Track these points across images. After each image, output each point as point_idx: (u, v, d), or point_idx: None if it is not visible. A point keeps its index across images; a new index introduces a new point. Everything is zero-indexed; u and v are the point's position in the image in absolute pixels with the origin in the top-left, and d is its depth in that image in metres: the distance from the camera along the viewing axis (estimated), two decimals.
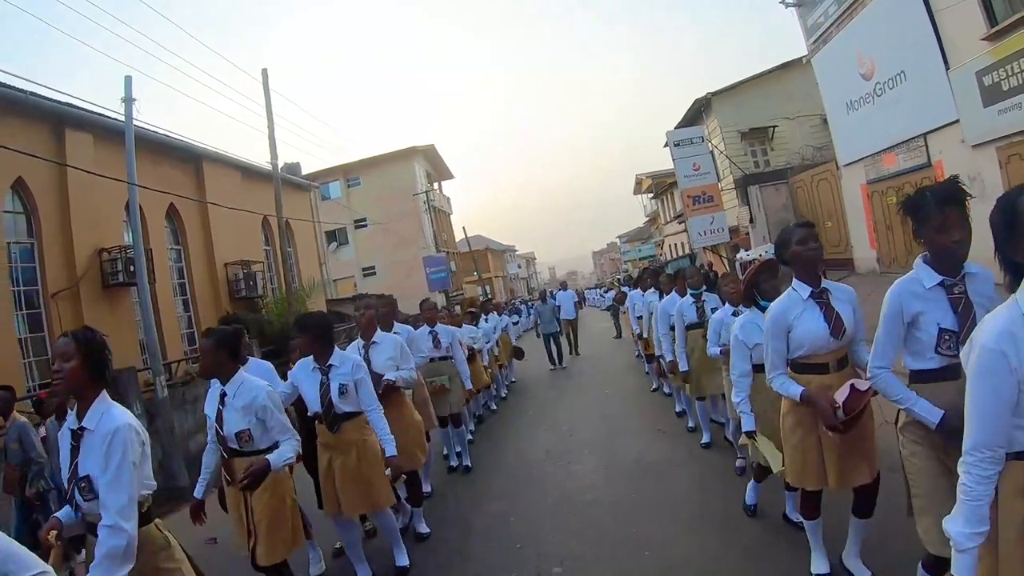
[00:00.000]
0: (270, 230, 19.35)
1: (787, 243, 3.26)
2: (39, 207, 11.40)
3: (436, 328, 7.32)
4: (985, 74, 10.74)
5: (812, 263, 3.21)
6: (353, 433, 4.39)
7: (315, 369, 4.45)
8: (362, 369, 4.46)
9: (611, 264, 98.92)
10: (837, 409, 3.01)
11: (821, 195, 19.20)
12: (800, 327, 3.21)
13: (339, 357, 4.46)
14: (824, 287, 3.24)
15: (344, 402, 4.35)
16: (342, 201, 36.31)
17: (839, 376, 3.22)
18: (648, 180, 42.00)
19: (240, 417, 3.65)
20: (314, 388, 4.41)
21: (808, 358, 3.26)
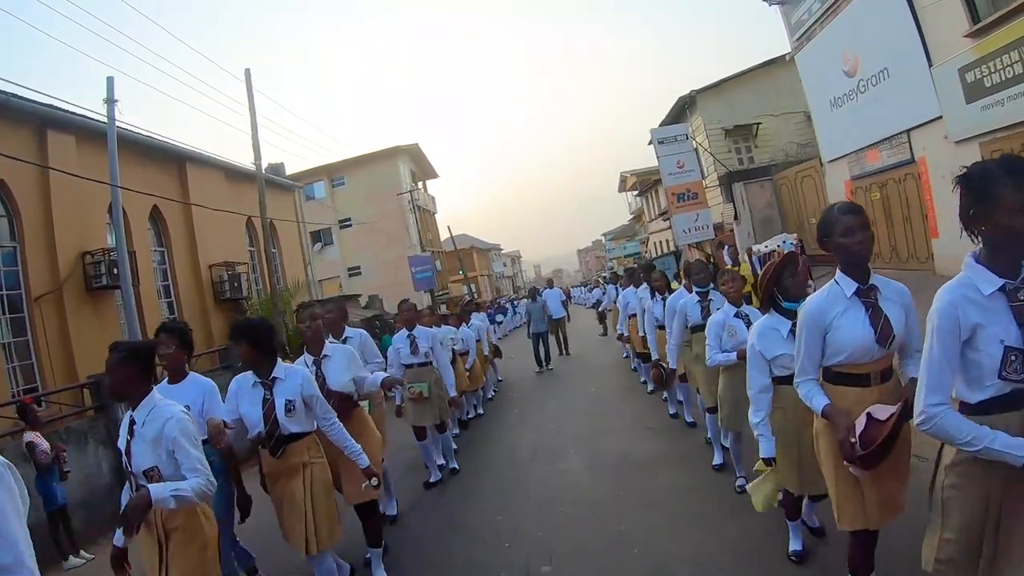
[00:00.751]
0: (254, 231, 19.24)
1: (830, 230, 2.74)
2: (21, 210, 11.28)
3: (415, 331, 6.81)
4: (968, 71, 10.82)
5: (860, 258, 2.70)
6: (298, 456, 3.89)
7: (256, 384, 3.93)
8: (311, 382, 3.99)
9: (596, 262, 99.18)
10: (852, 441, 2.58)
11: (805, 192, 19.29)
12: (840, 329, 2.70)
13: (284, 369, 3.97)
14: (872, 283, 2.72)
15: (292, 421, 3.86)
16: (327, 201, 36.19)
17: (881, 391, 2.76)
18: (633, 178, 42.11)
19: (149, 451, 2.99)
20: (256, 406, 3.89)
21: (846, 367, 2.77)
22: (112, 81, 10.71)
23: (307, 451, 3.94)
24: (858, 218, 2.68)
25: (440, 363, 6.80)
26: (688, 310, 5.81)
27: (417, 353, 6.75)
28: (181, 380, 4.16)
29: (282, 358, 4.15)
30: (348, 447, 4.04)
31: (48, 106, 11.43)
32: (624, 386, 10.73)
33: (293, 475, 3.88)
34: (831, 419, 2.75)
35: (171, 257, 15.69)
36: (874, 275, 2.76)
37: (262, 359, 3.92)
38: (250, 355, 3.91)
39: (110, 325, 12.64)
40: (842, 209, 2.76)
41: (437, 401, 6.68)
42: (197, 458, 3.00)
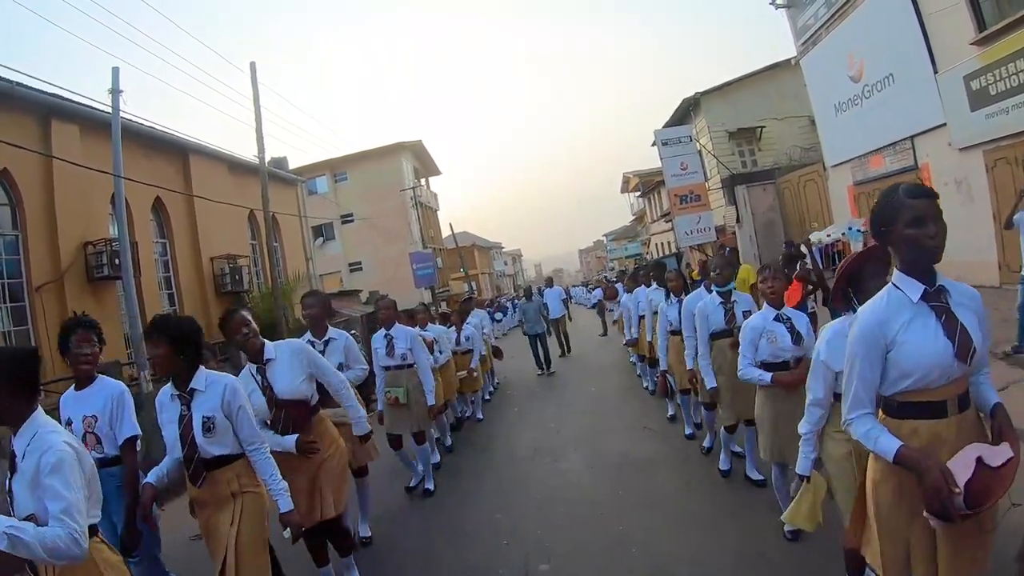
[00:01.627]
0: (256, 224, 19.25)
1: (892, 219, 2.16)
2: (24, 199, 11.29)
3: (392, 331, 6.24)
4: (973, 78, 10.82)
5: (933, 256, 2.15)
6: (225, 486, 3.27)
7: (174, 397, 3.29)
8: (238, 395, 3.30)
9: (597, 262, 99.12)
10: (957, 492, 1.98)
11: (808, 196, 19.29)
12: (907, 345, 2.13)
13: (206, 379, 3.29)
14: (941, 285, 2.20)
15: (212, 442, 3.22)
16: (329, 196, 36.18)
17: (960, 424, 2.18)
18: (635, 178, 42.09)
19: (28, 493, 2.32)
20: (173, 423, 3.27)
21: (915, 393, 2.16)
22: (117, 72, 10.71)
23: (237, 479, 3.29)
24: (931, 204, 2.16)
25: (419, 366, 6.15)
26: (710, 314, 5.12)
27: (394, 354, 6.17)
28: (89, 384, 3.70)
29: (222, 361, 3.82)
30: (271, 482, 3.32)
31: (53, 95, 11.43)
32: (624, 386, 10.72)
33: (220, 506, 3.29)
34: (914, 465, 2.07)
35: (173, 249, 15.70)
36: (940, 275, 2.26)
37: (180, 365, 3.23)
38: (166, 359, 3.19)
39: (111, 316, 12.64)
40: (910, 191, 2.17)
41: (415, 408, 6.09)
42: (66, 507, 2.25)
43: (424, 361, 6.23)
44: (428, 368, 6.26)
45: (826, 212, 18.01)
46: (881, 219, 2.22)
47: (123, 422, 3.67)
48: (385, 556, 4.88)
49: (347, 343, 5.16)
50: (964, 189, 11.35)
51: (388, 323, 6.27)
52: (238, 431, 3.29)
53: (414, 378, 6.13)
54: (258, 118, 15.16)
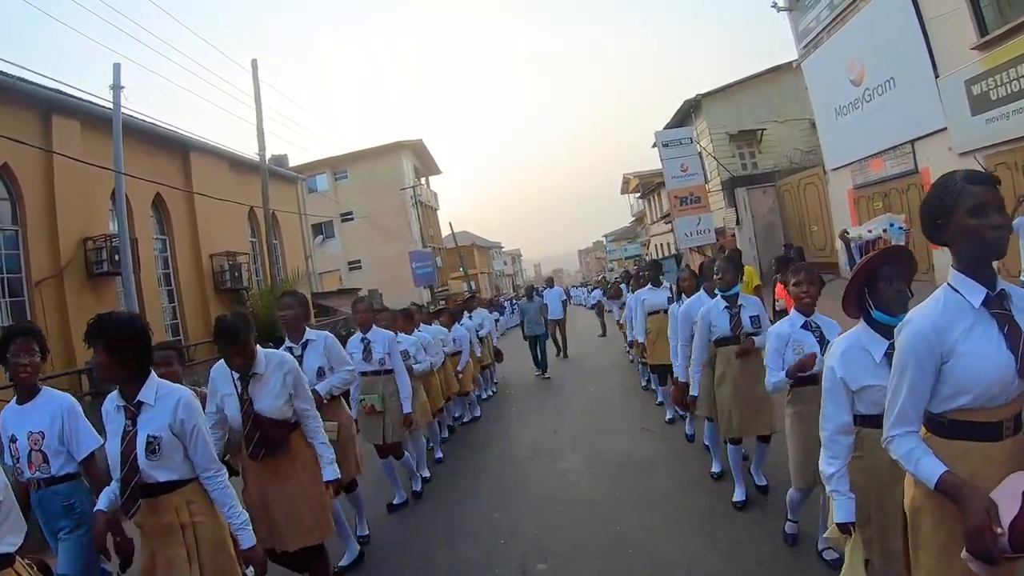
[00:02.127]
0: (256, 222, 19.25)
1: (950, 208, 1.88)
2: (24, 194, 11.29)
3: (370, 334, 5.90)
4: (974, 83, 10.83)
5: (997, 251, 1.89)
6: (176, 514, 2.81)
7: (120, 408, 2.81)
8: (193, 411, 2.83)
9: (597, 263, 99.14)
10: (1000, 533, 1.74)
11: (808, 199, 19.30)
12: (967, 357, 1.85)
13: (157, 389, 2.81)
14: (1003, 288, 1.93)
15: (156, 465, 2.75)
16: (329, 194, 36.19)
17: (1014, 447, 1.92)
18: (635, 180, 42.09)
19: None
20: (115, 437, 2.79)
21: (970, 412, 1.89)
22: (119, 68, 10.72)
23: (187, 505, 2.84)
24: (993, 191, 1.89)
25: (397, 372, 5.86)
26: (714, 319, 4.79)
27: (371, 360, 5.84)
28: (33, 398, 3.42)
29: None
30: (230, 514, 2.89)
31: (54, 91, 11.43)
32: (624, 387, 10.72)
33: (167, 538, 2.81)
34: (957, 495, 1.82)
35: (172, 245, 15.70)
36: None
37: (126, 372, 2.75)
38: (108, 366, 2.71)
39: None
40: (970, 177, 1.89)
41: (392, 416, 5.78)
42: None
43: (402, 367, 5.92)
44: (405, 375, 5.92)
45: (826, 215, 18.02)
46: (936, 209, 1.93)
47: (79, 435, 3.39)
48: (383, 555, 4.88)
49: (327, 344, 4.82)
50: None
51: (366, 326, 5.96)
52: (191, 454, 2.84)
53: (391, 384, 5.84)
54: (259, 115, 15.17)
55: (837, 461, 2.50)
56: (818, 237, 18.64)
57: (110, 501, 2.91)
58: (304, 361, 4.58)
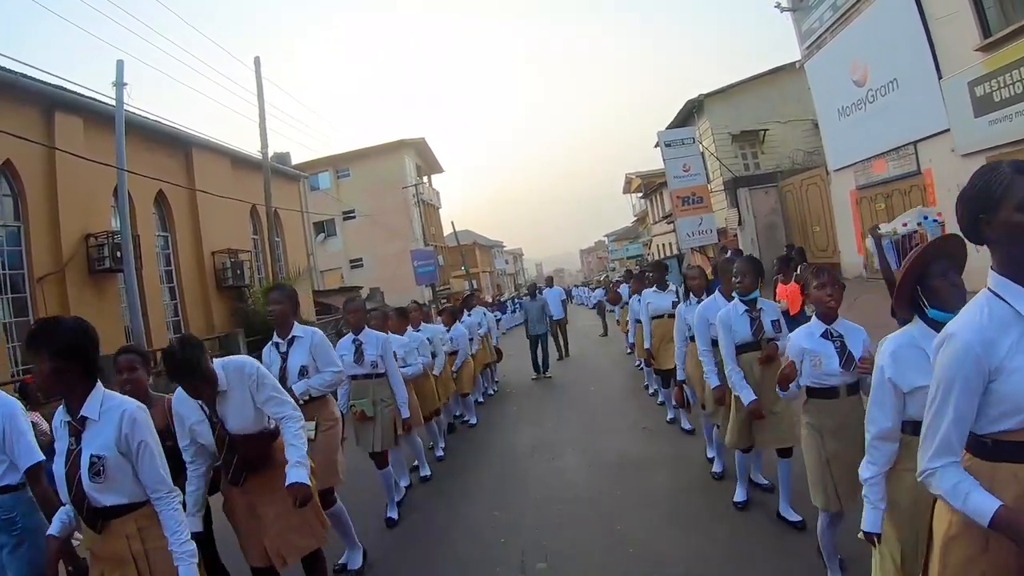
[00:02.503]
0: (258, 219, 19.25)
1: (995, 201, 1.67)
2: (27, 190, 11.30)
3: (362, 335, 5.61)
4: (977, 84, 10.82)
5: None
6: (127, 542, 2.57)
7: (64, 424, 2.57)
8: (140, 427, 2.56)
9: (598, 262, 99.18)
10: None
11: (810, 199, 19.28)
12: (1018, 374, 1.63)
13: (101, 403, 2.56)
14: None
15: (102, 488, 2.51)
16: (331, 192, 36.20)
17: None
18: (638, 179, 42.08)
19: None
20: (61, 456, 2.57)
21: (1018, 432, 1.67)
22: (122, 65, 10.73)
23: (138, 533, 2.59)
24: None
25: (391, 375, 5.60)
26: (734, 323, 4.45)
27: (363, 362, 5.52)
28: None
29: None
30: (174, 541, 2.59)
31: (57, 87, 11.44)
32: (625, 387, 10.73)
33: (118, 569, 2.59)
34: (1015, 533, 1.58)
35: (175, 242, 15.71)
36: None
37: (70, 384, 2.51)
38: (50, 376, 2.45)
39: (112, 308, 12.66)
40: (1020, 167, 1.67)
41: (383, 423, 5.48)
42: None
43: (396, 370, 5.66)
44: (400, 378, 5.66)
45: (828, 216, 18.01)
46: (979, 203, 1.71)
47: (19, 447, 3.09)
48: (383, 552, 4.88)
49: (315, 341, 4.59)
50: None
51: (358, 327, 5.63)
52: (139, 473, 2.57)
53: (384, 389, 5.56)
54: (262, 113, 15.19)
55: (874, 467, 2.34)
56: (820, 238, 18.64)
57: (62, 525, 2.73)
58: (289, 358, 4.49)
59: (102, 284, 12.61)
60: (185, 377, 3.04)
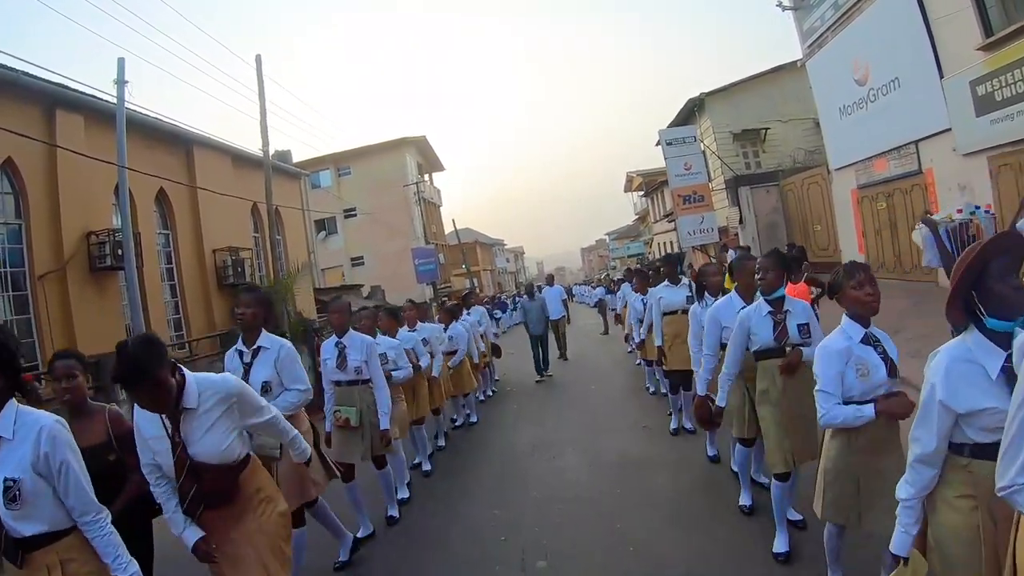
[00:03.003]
0: (259, 217, 19.22)
1: None
2: (28, 188, 11.28)
3: (346, 338, 5.23)
4: (979, 84, 10.80)
5: None
6: (49, 574, 2.34)
7: None
8: (60, 445, 2.35)
9: (599, 261, 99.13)
10: None
11: (811, 198, 19.27)
12: None
13: (15, 419, 2.36)
14: None
15: (20, 515, 2.28)
16: (332, 190, 36.16)
17: None
18: (639, 178, 42.08)
19: None
20: None
21: None
22: (123, 62, 10.73)
23: (60, 567, 2.36)
24: None
25: (376, 382, 5.21)
26: (755, 327, 4.01)
27: (346, 367, 5.18)
28: None
29: None
30: (115, 568, 2.40)
31: (58, 85, 11.42)
32: (625, 386, 10.73)
33: None
34: None
35: (175, 240, 15.68)
36: None
37: None
38: None
39: (113, 306, 12.65)
40: None
41: (370, 431, 5.17)
42: None
43: (381, 377, 5.25)
44: (384, 386, 5.25)
45: (829, 215, 18.00)
46: None
47: None
48: (382, 550, 4.90)
49: (282, 354, 4.14)
50: (968, 195, 11.33)
51: (341, 329, 5.25)
52: (63, 497, 2.33)
53: (369, 396, 5.21)
54: (263, 111, 15.17)
55: (911, 489, 2.16)
56: (821, 237, 18.63)
57: None
58: (252, 370, 4.05)
59: (103, 282, 12.60)
60: (130, 380, 2.60)
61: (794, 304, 4.06)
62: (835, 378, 2.88)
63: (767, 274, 3.99)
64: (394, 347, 6.13)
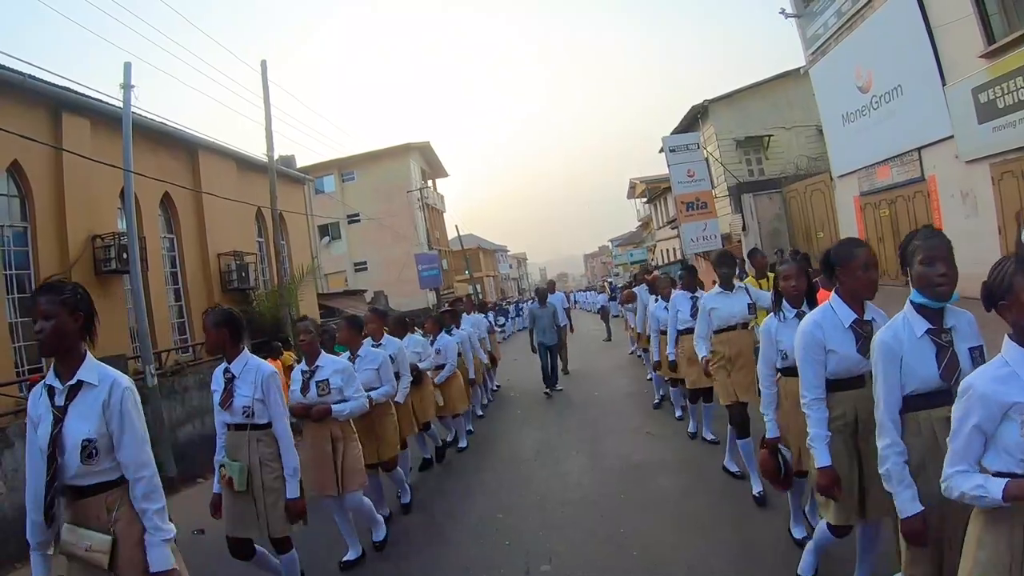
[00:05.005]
0: (264, 222, 19.27)
1: None
2: (33, 191, 11.33)
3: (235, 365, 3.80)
4: (981, 91, 10.83)
5: None
6: None
7: None
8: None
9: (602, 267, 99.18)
10: None
11: (814, 205, 19.29)
12: None
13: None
14: None
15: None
16: (336, 195, 36.21)
17: None
18: (642, 184, 42.15)
19: None
20: None
21: None
22: (129, 67, 10.75)
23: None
24: None
25: (277, 429, 3.78)
26: (908, 355, 2.41)
27: (231, 406, 3.77)
28: None
29: None
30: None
31: (64, 88, 11.48)
32: (628, 391, 10.73)
33: None
34: None
35: (180, 244, 15.73)
36: None
37: None
38: None
39: (118, 309, 12.69)
40: None
41: (263, 498, 3.78)
42: None
43: (283, 420, 3.80)
44: (288, 434, 3.82)
45: (832, 222, 18.03)
46: None
47: None
48: (386, 554, 4.90)
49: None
50: (970, 202, 11.36)
51: (228, 354, 3.82)
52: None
53: (265, 448, 3.78)
54: (268, 116, 15.21)
55: None
56: (824, 244, 18.62)
57: None
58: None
59: (108, 285, 12.64)
60: None
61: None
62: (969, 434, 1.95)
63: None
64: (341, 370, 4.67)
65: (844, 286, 2.92)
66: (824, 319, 2.93)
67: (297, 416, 4.49)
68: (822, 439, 2.89)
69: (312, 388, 4.54)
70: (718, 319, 5.21)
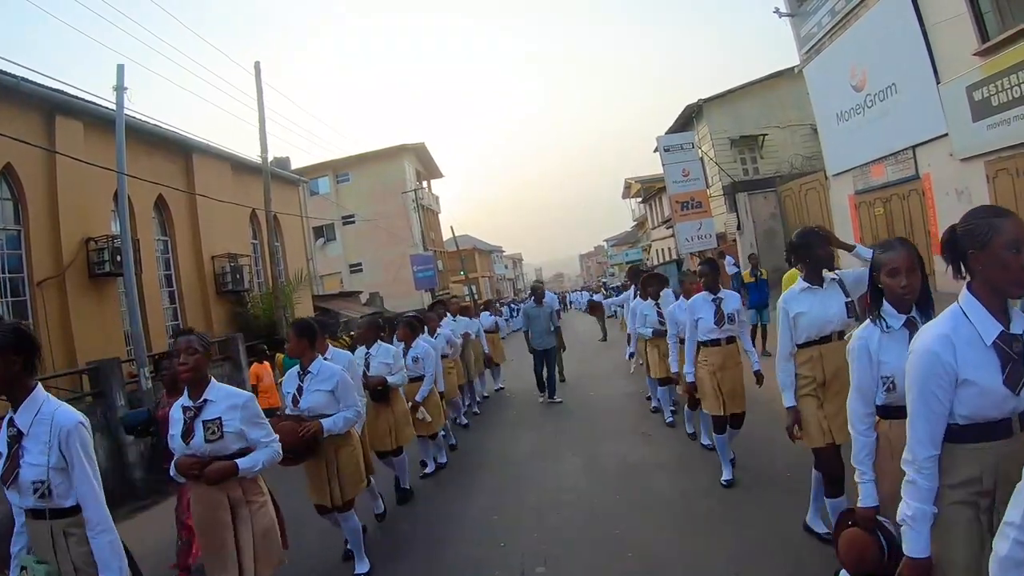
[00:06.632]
0: (258, 224, 19.24)
1: None
2: (27, 194, 11.28)
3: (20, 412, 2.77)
4: (975, 89, 10.84)
5: None
6: None
7: None
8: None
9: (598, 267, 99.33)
10: None
11: (809, 204, 19.31)
12: None
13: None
14: None
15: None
16: (331, 197, 36.19)
17: None
18: (637, 184, 42.17)
19: None
20: None
21: None
22: (122, 69, 10.73)
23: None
24: None
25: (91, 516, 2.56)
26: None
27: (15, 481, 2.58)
28: None
29: None
30: None
31: (57, 91, 11.44)
32: (623, 392, 10.71)
33: None
34: None
35: (174, 247, 15.68)
36: None
37: None
38: None
39: (111, 312, 12.65)
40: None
41: None
42: None
43: (103, 512, 2.55)
44: (108, 522, 2.56)
45: (827, 221, 18.03)
46: None
47: None
48: (382, 555, 4.89)
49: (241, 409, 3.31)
50: (965, 199, 11.36)
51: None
52: None
53: (83, 543, 2.56)
54: (261, 118, 15.20)
55: None
56: None
57: None
58: None
59: (102, 288, 12.60)
60: None
61: None
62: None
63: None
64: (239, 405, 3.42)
65: (982, 279, 1.95)
66: (956, 332, 1.95)
67: (184, 474, 3.34)
68: (926, 520, 1.97)
69: (197, 431, 3.25)
70: (807, 327, 3.78)
